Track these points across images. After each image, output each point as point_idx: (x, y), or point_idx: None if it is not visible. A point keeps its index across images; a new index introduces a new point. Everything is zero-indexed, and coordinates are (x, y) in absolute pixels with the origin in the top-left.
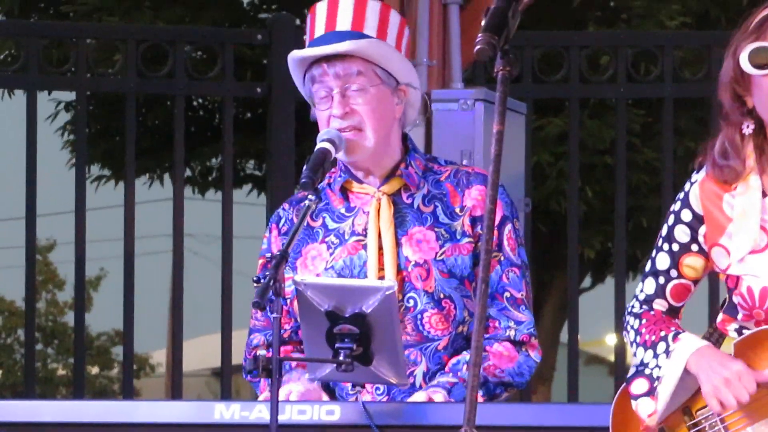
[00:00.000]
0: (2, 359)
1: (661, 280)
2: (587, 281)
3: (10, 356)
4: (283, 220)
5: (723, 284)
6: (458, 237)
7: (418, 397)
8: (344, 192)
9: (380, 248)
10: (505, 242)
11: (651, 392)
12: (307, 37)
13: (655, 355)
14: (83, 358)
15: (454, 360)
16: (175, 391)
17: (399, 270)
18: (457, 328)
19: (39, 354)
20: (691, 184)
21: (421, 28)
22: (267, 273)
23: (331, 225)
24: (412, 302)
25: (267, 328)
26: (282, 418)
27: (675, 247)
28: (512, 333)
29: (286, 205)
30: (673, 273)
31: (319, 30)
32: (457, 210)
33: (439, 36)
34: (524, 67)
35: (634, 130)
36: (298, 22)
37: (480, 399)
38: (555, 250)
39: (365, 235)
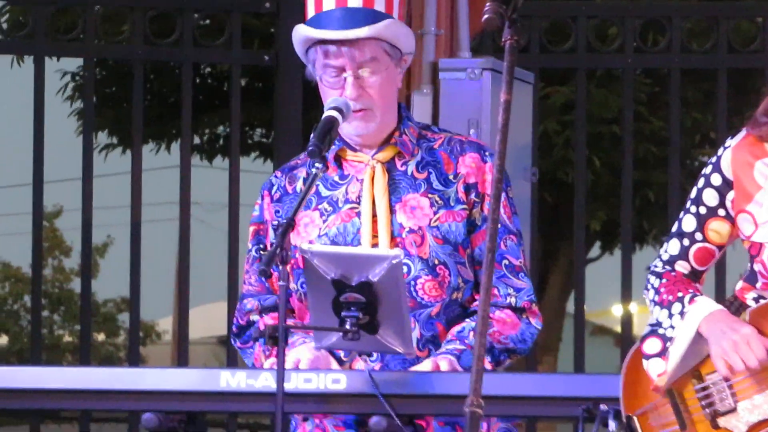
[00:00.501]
0: (9, 326)
1: (686, 242)
2: (594, 251)
3: (17, 322)
4: (275, 187)
5: (744, 253)
6: (452, 204)
7: (425, 364)
8: (338, 160)
9: (374, 216)
10: (501, 210)
11: (663, 353)
12: (311, 7)
13: (670, 315)
14: (89, 325)
15: (458, 327)
16: (181, 358)
17: (393, 237)
18: (452, 294)
19: (45, 320)
20: (725, 149)
21: None
22: (273, 241)
23: (325, 192)
24: (405, 269)
25: (260, 293)
26: (288, 386)
27: (702, 210)
28: (513, 300)
29: (278, 173)
30: (698, 236)
31: (329, 3)
32: (451, 177)
33: (447, 5)
34: (532, 37)
35: (641, 99)
36: None
37: (488, 365)
38: (561, 220)
39: (359, 203)
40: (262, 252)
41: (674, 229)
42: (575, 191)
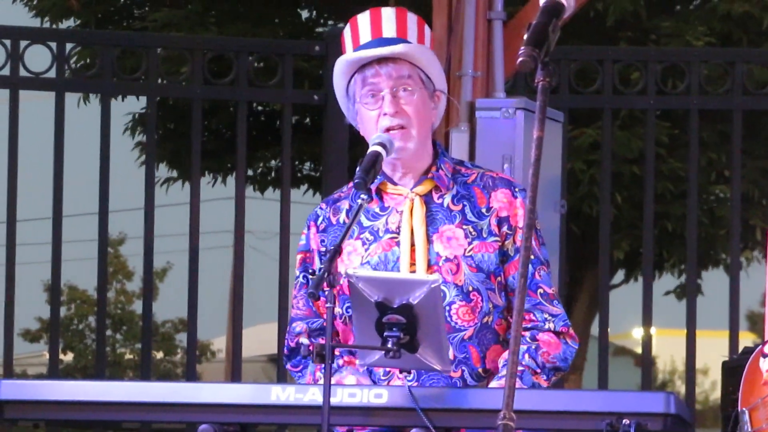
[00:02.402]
0: (74, 344)
1: None
2: (617, 278)
3: (82, 341)
4: (321, 218)
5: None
6: (485, 235)
7: (494, 385)
8: (378, 193)
9: (413, 245)
10: (533, 243)
11: None
12: (349, 45)
13: None
14: (150, 343)
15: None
16: (234, 374)
17: (430, 265)
18: (483, 318)
19: (108, 339)
20: None
21: (467, 40)
22: (322, 266)
23: (366, 223)
24: (441, 295)
25: (308, 317)
26: (333, 400)
27: None
28: (552, 325)
29: (323, 205)
30: None
31: (365, 37)
32: (484, 210)
33: (483, 48)
34: (561, 79)
35: (661, 141)
36: None
37: (543, 383)
38: (586, 249)
39: (398, 233)
40: (310, 277)
41: None
42: (600, 223)
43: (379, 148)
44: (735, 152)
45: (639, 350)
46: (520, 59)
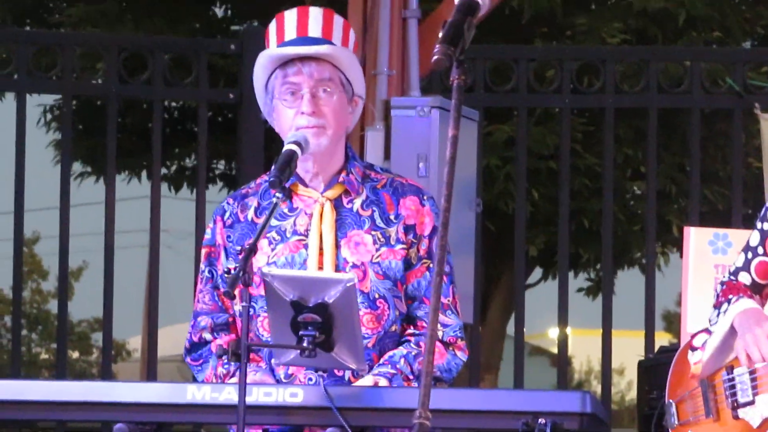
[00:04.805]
0: None
1: (749, 255)
2: (534, 277)
3: None
4: (228, 213)
5: None
6: (392, 243)
7: (366, 380)
8: (288, 194)
9: (320, 249)
10: (435, 250)
11: (704, 345)
12: (273, 40)
13: (718, 314)
14: (65, 343)
15: (391, 353)
16: (150, 374)
17: (337, 270)
18: (391, 327)
19: (24, 339)
20: None
21: (382, 39)
22: (237, 265)
23: (273, 222)
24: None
25: (213, 311)
26: (249, 399)
27: (766, 226)
28: (440, 334)
29: (230, 200)
30: (760, 250)
31: (290, 34)
32: (392, 217)
33: (398, 47)
34: (476, 78)
35: (576, 137)
36: None
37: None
38: (502, 247)
39: (306, 236)
40: (226, 275)
41: (744, 243)
42: (516, 221)
43: (294, 147)
44: (650, 151)
45: (555, 350)
46: (435, 57)
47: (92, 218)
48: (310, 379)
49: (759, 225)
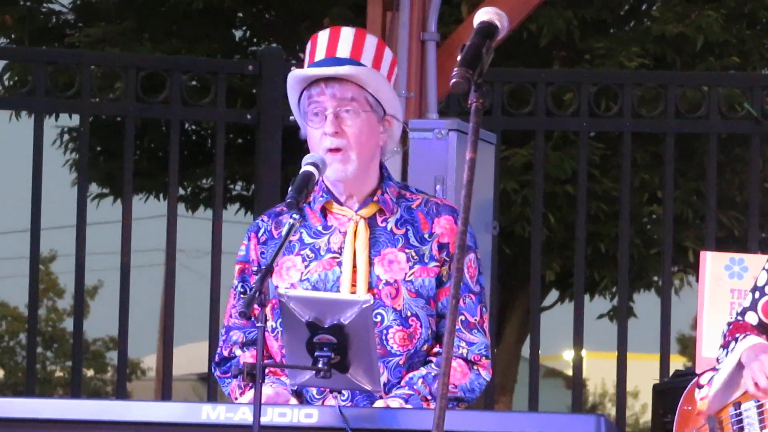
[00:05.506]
0: (5, 361)
1: (757, 294)
2: (550, 299)
3: (12, 358)
4: (262, 230)
5: None
6: (426, 260)
7: (378, 404)
8: (323, 211)
9: (354, 267)
10: (466, 270)
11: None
12: (307, 60)
13: (726, 353)
14: (80, 361)
15: (410, 375)
16: (164, 393)
17: (370, 287)
18: (422, 345)
19: (39, 357)
20: None
21: (401, 62)
22: (253, 285)
23: (307, 240)
24: (379, 318)
25: (245, 326)
26: (264, 419)
27: None
28: (464, 352)
29: (265, 217)
30: (767, 290)
31: (320, 55)
32: (426, 236)
33: (416, 70)
34: (494, 101)
35: (593, 162)
36: (285, 55)
37: (432, 407)
38: (518, 271)
39: (340, 253)
40: (242, 296)
41: (753, 283)
42: (531, 245)
43: (311, 168)
44: (668, 177)
45: (570, 372)
46: (454, 80)
47: (108, 237)
48: (342, 394)
49: (767, 265)
